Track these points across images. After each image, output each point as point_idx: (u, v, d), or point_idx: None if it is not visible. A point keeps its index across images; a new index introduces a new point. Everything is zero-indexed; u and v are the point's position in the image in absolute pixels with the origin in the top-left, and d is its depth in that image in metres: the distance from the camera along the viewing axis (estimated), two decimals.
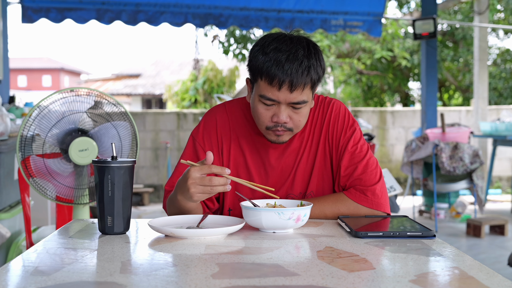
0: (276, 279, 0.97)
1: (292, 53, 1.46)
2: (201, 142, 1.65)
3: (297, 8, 5.88)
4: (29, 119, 2.48)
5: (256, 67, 1.50)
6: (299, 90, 1.47)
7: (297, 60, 1.46)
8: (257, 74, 1.50)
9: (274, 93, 1.48)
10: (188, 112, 8.26)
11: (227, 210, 1.65)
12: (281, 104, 1.49)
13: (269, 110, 1.51)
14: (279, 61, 1.45)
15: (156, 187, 8.02)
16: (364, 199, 1.56)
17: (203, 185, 1.36)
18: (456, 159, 5.56)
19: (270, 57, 1.46)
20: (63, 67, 36.37)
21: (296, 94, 1.47)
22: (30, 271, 1.02)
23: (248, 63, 1.54)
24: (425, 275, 1.00)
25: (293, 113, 1.51)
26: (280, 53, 1.46)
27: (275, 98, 1.48)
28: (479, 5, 7.79)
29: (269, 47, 1.48)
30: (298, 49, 1.48)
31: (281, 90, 1.47)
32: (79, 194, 2.57)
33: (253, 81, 1.54)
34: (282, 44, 1.48)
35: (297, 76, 1.45)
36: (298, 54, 1.46)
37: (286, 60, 1.45)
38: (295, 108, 1.51)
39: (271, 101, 1.49)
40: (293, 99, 1.48)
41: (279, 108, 1.50)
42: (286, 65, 1.45)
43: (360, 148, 1.62)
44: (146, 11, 5.57)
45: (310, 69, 1.47)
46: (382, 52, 11.23)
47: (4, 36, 4.74)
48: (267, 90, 1.48)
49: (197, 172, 1.36)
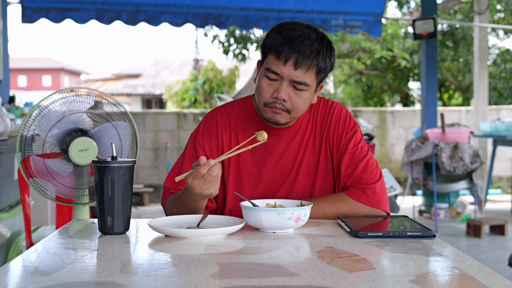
0: (276, 279, 0.97)
1: (304, 34, 1.51)
2: (201, 143, 1.66)
3: (297, 8, 5.88)
4: (29, 119, 2.48)
5: (268, 43, 1.54)
6: (303, 69, 1.50)
7: (308, 40, 1.50)
8: (267, 50, 1.55)
9: (279, 67, 1.51)
10: (188, 112, 8.26)
11: (228, 211, 1.65)
12: (284, 80, 1.52)
13: (271, 85, 1.54)
14: (290, 38, 1.50)
15: (156, 187, 8.01)
16: (364, 197, 1.57)
17: (209, 182, 1.38)
18: (456, 159, 5.56)
19: (283, 34, 1.52)
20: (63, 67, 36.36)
21: (299, 73, 1.50)
22: (30, 271, 1.02)
23: (262, 43, 1.58)
24: (425, 275, 1.00)
25: (294, 94, 1.54)
26: (293, 32, 1.51)
27: (279, 72, 1.52)
28: (479, 5, 7.79)
29: (285, 27, 1.54)
30: (311, 33, 1.52)
31: (286, 65, 1.50)
32: (79, 194, 2.57)
33: (263, 59, 1.58)
34: (297, 26, 1.53)
35: (304, 55, 1.49)
36: (310, 36, 1.51)
37: (297, 38, 1.50)
38: (296, 89, 1.53)
39: (275, 75, 1.53)
40: (295, 77, 1.51)
41: (281, 85, 1.53)
42: (296, 42, 1.49)
43: (361, 149, 1.63)
44: (146, 11, 5.57)
45: (319, 54, 1.51)
46: (382, 52, 11.23)
47: (4, 36, 4.74)
48: (273, 64, 1.52)
49: (195, 179, 1.37)
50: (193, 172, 1.38)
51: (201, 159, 1.38)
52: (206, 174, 1.37)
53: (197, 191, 1.38)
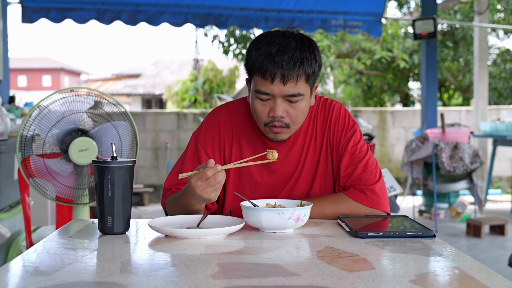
0: (276, 279, 0.97)
1: (283, 46, 1.47)
2: (203, 143, 1.65)
3: (297, 8, 5.88)
4: (29, 119, 2.48)
5: (250, 63, 1.51)
6: (292, 82, 1.47)
7: (289, 51, 1.46)
8: (252, 70, 1.52)
9: (268, 87, 1.48)
10: (188, 112, 8.26)
11: (228, 212, 1.65)
12: (276, 97, 1.50)
13: (265, 105, 1.52)
14: (270, 54, 1.46)
15: (156, 187, 8.01)
16: (364, 198, 1.56)
17: (211, 187, 1.38)
18: (456, 159, 5.56)
19: (262, 51, 1.48)
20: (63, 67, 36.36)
21: (289, 87, 1.48)
22: (30, 271, 1.02)
23: (245, 62, 1.55)
24: (425, 275, 1.00)
25: (290, 107, 1.51)
26: (271, 47, 1.47)
27: (269, 92, 1.49)
28: (479, 5, 7.79)
29: (262, 42, 1.49)
30: (290, 41, 1.48)
31: (274, 83, 1.47)
32: (79, 194, 2.57)
33: (250, 78, 1.56)
34: (274, 39, 1.49)
35: (289, 68, 1.46)
36: (289, 46, 1.47)
37: (277, 52, 1.46)
38: (291, 102, 1.51)
39: (266, 95, 1.50)
40: (287, 92, 1.48)
41: (275, 102, 1.50)
42: (277, 57, 1.45)
43: (360, 149, 1.62)
44: (146, 11, 5.57)
45: (303, 61, 1.47)
46: (382, 52, 11.23)
47: (4, 36, 4.74)
48: (261, 84, 1.49)
49: (198, 180, 1.37)
50: (199, 173, 1.37)
51: (210, 162, 1.37)
52: (211, 177, 1.36)
53: (198, 192, 1.38)
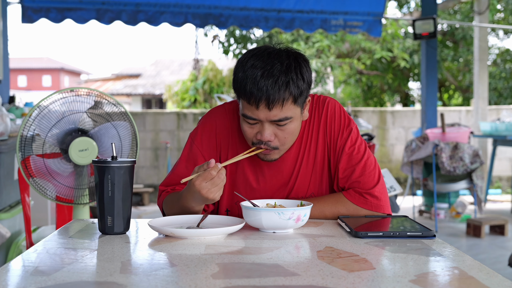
0: (276, 279, 0.97)
1: (267, 70, 1.41)
2: (199, 145, 1.63)
3: (297, 8, 5.88)
4: (29, 119, 2.48)
5: (236, 85, 1.46)
6: (278, 107, 1.42)
7: (273, 76, 1.40)
8: (238, 92, 1.47)
9: (253, 112, 1.44)
10: (188, 112, 8.26)
11: (224, 211, 1.64)
12: (264, 122, 1.45)
13: (253, 128, 1.49)
14: (254, 79, 1.40)
15: (156, 187, 8.01)
16: (364, 201, 1.55)
17: (216, 186, 1.37)
18: (456, 159, 5.56)
19: (247, 74, 1.42)
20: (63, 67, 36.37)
21: (276, 112, 1.43)
22: (30, 271, 1.02)
23: (232, 81, 1.50)
24: (425, 275, 1.00)
25: (278, 130, 1.47)
26: (256, 70, 1.41)
27: (255, 117, 1.44)
28: (479, 5, 7.79)
29: (248, 64, 1.44)
30: (275, 64, 1.41)
31: (260, 109, 1.42)
32: (79, 194, 2.57)
33: (238, 98, 1.51)
34: (259, 61, 1.43)
35: (274, 93, 1.40)
36: (274, 70, 1.41)
37: (261, 77, 1.40)
38: (279, 125, 1.46)
39: (252, 120, 1.46)
40: (273, 117, 1.43)
41: (263, 126, 1.46)
42: (261, 82, 1.40)
43: (358, 149, 1.59)
44: (146, 11, 5.57)
45: (288, 83, 1.41)
46: (382, 52, 11.23)
47: (4, 36, 4.74)
48: (247, 109, 1.45)
49: (203, 181, 1.37)
50: (203, 174, 1.36)
51: (211, 162, 1.36)
52: (215, 176, 1.36)
53: (204, 193, 1.36)
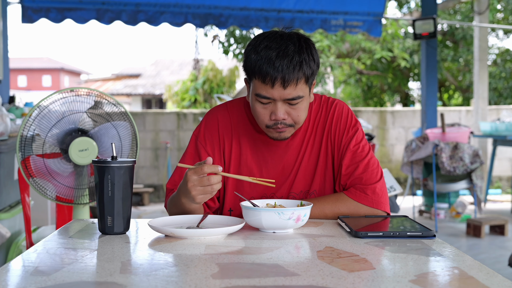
0: (276, 279, 0.97)
1: (282, 50, 1.47)
2: (202, 142, 1.66)
3: (297, 8, 5.88)
4: (29, 119, 2.48)
5: (250, 66, 1.51)
6: (292, 85, 1.48)
7: (288, 56, 1.47)
8: (251, 73, 1.52)
9: (268, 91, 1.49)
10: (188, 112, 8.26)
11: (228, 210, 1.66)
12: (277, 101, 1.51)
13: (266, 108, 1.53)
14: (270, 59, 1.47)
15: (156, 187, 8.01)
16: (364, 197, 1.57)
17: (202, 186, 1.38)
18: (456, 159, 5.56)
19: (261, 55, 1.48)
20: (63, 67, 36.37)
21: (290, 90, 1.48)
22: (30, 271, 1.02)
23: (243, 64, 1.56)
24: (425, 275, 1.00)
25: (291, 109, 1.52)
26: (270, 51, 1.47)
27: (270, 96, 1.50)
28: (479, 5, 7.79)
29: (260, 46, 1.50)
30: (288, 45, 1.49)
31: (275, 88, 1.48)
32: (79, 194, 2.57)
33: (249, 80, 1.56)
34: (273, 42, 1.49)
35: (289, 72, 1.46)
36: (288, 50, 1.47)
37: (276, 57, 1.46)
38: (291, 104, 1.52)
39: (266, 99, 1.51)
40: (287, 95, 1.49)
41: (276, 106, 1.51)
42: (277, 62, 1.46)
43: (362, 148, 1.63)
44: (146, 11, 5.57)
45: (302, 64, 1.48)
46: (382, 52, 11.23)
47: (4, 36, 4.74)
48: (261, 89, 1.50)
49: (194, 174, 1.38)
50: (196, 168, 1.39)
51: (208, 160, 1.39)
52: (205, 177, 1.37)
53: (189, 186, 1.39)
